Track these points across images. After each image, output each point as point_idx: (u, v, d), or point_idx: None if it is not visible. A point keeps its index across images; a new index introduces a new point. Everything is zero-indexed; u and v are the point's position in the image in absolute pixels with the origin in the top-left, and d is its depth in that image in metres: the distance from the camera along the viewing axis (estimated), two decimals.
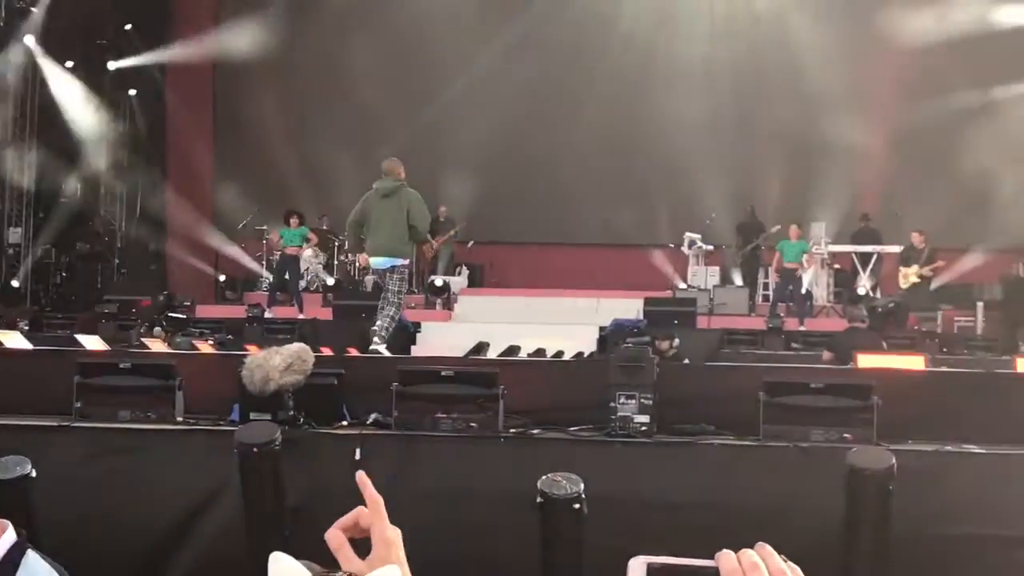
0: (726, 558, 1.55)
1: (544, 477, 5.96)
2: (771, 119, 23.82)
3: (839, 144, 23.10)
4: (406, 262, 12.77)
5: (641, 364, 7.52)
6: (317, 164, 23.88)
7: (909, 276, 20.44)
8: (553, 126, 24.26)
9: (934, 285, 21.12)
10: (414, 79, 24.52)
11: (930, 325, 19.59)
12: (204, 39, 25.13)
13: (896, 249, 21.51)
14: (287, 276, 20.81)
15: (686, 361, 12.66)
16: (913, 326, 18.85)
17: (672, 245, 23.21)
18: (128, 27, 23.90)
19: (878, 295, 21.31)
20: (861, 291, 21.28)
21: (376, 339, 12.24)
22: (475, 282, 23.89)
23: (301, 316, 19.12)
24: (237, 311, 19.59)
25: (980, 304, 21.27)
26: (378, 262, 12.60)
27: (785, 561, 1.57)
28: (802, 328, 18.84)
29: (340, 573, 1.86)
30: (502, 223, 24.00)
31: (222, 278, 23.97)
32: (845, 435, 7.13)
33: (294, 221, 21.01)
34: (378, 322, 12.37)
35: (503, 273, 24.39)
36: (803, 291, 21.00)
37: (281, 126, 24.44)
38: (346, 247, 23.24)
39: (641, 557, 1.59)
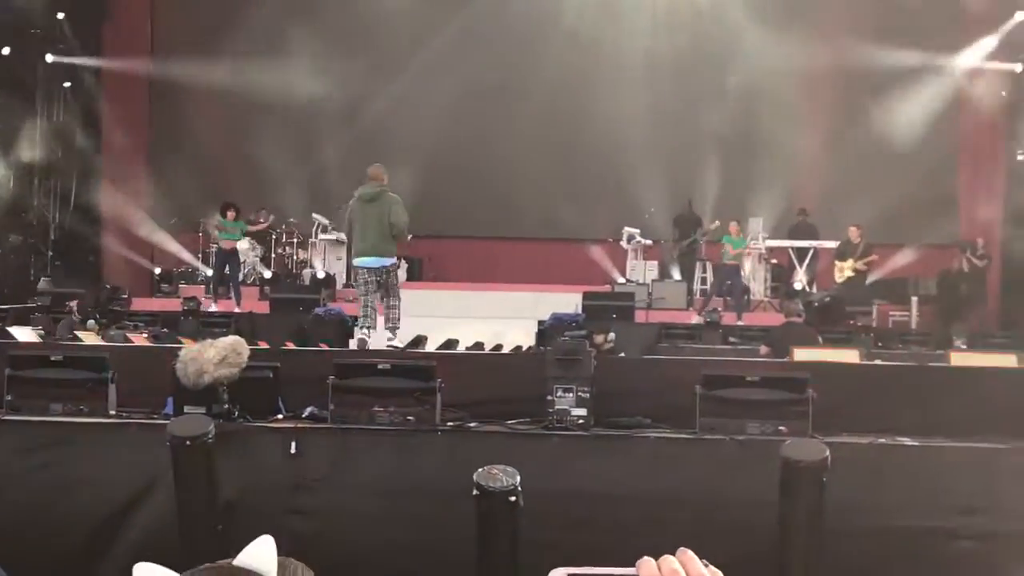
0: (646, 565, 1.54)
1: (480, 470, 5.95)
2: (711, 113, 23.89)
3: (778, 139, 23.27)
4: (395, 261, 13.80)
5: (578, 357, 7.54)
6: (255, 157, 23.68)
7: (844, 270, 20.56)
8: (494, 120, 24.23)
9: (869, 280, 21.30)
10: (355, 73, 24.37)
11: (865, 319, 19.76)
12: (139, 29, 24.88)
13: (833, 244, 21.67)
14: (227, 270, 20.58)
15: (622, 355, 12.68)
16: (849, 320, 18.99)
17: (611, 239, 23.25)
18: (60, 16, 23.54)
19: (814, 290, 21.49)
20: (798, 286, 21.45)
21: (390, 335, 13.57)
22: (414, 276, 23.80)
23: (237, 309, 18.96)
24: (173, 304, 19.39)
25: (915, 299, 21.51)
26: (366, 262, 13.53)
27: (707, 566, 1.55)
28: (740, 323, 18.94)
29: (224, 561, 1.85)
30: (441, 217, 23.92)
31: (157, 271, 23.72)
32: (780, 428, 7.18)
33: (231, 214, 20.80)
34: (388, 320, 13.72)
35: (442, 267, 24.33)
36: (742, 286, 21.12)
37: (218, 118, 24.23)
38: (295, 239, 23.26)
39: (561, 569, 1.57)
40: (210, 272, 21.52)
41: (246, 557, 1.82)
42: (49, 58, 23.68)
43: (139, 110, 25.24)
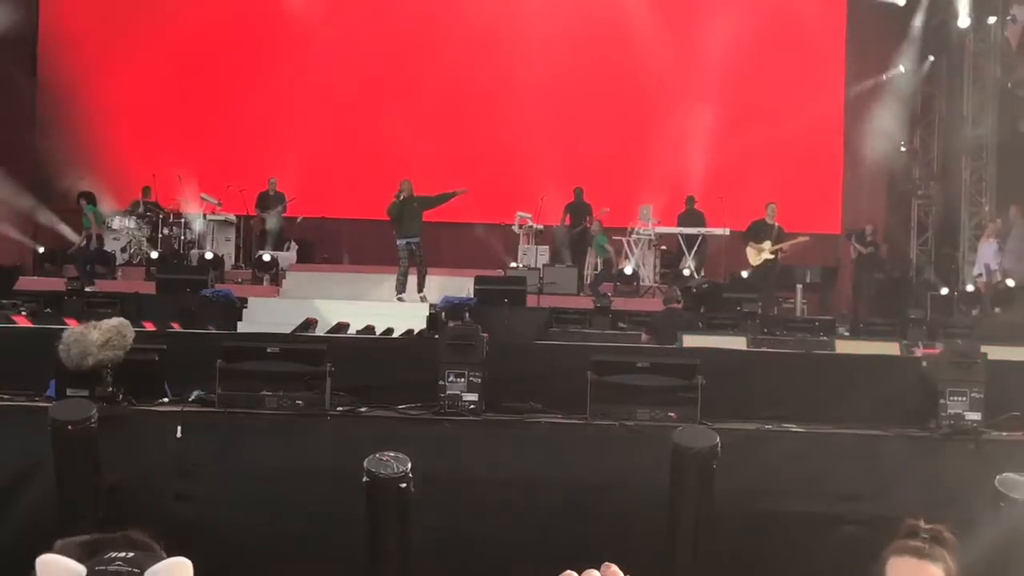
0: None
1: (371, 456, 5.90)
2: (604, 100, 24.02)
3: (669, 127, 23.44)
4: (418, 239, 19.85)
5: (471, 342, 7.51)
6: (144, 132, 23.28)
7: (763, 252, 20.36)
8: (389, 102, 24.05)
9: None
10: (249, 48, 24.10)
11: (751, 306, 19.91)
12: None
13: (721, 232, 21.98)
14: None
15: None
16: (736, 307, 19.05)
17: (503, 224, 23.27)
18: None
19: (702, 276, 21.72)
20: (686, 272, 21.67)
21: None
22: (304, 258, 23.59)
23: (88, 288, 18.49)
24: (56, 284, 18.96)
25: (800, 287, 21.81)
26: (405, 240, 19.76)
27: None
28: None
29: (117, 559, 1.80)
30: (332, 198, 23.74)
31: (41, 249, 23.16)
32: (670, 413, 7.23)
33: (82, 203, 20.86)
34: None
35: (333, 249, 24.13)
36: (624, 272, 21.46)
37: (108, 90, 23.76)
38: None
39: None
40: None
41: (159, 573, 1.76)
42: None
43: (24, 79, 24.56)
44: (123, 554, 1.81)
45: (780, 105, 23.44)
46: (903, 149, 24.11)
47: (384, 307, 18.43)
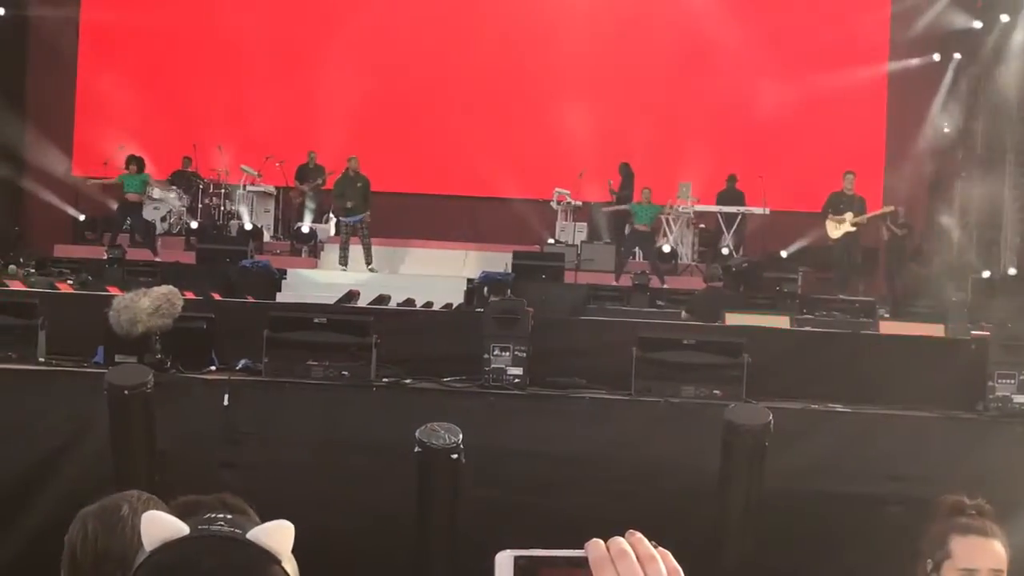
0: (594, 547, 1.55)
1: (423, 427, 5.91)
2: (646, 76, 23.94)
3: (711, 104, 23.34)
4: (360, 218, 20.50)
5: (516, 316, 7.51)
6: (185, 101, 23.37)
7: (843, 224, 19.72)
8: (430, 74, 24.05)
9: (796, 246, 21.37)
10: (293, 17, 24.14)
11: (791, 286, 19.73)
12: None
13: (760, 211, 21.89)
14: (128, 224, 20.66)
15: None
16: (775, 287, 18.88)
17: (542, 200, 23.24)
18: None
19: (741, 254, 21.62)
20: (725, 251, 21.58)
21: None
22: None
23: (157, 259, 18.67)
24: (97, 252, 19.07)
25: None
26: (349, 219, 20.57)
27: (656, 547, 1.56)
28: (664, 286, 18.91)
29: (218, 519, 1.81)
30: (373, 171, 23.75)
31: (82, 218, 23.30)
32: (715, 391, 7.22)
33: (133, 168, 20.72)
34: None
35: (371, 222, 24.15)
36: (663, 250, 21.23)
37: (149, 60, 23.85)
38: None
39: (508, 551, 1.56)
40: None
41: (261, 534, 1.77)
42: None
43: (67, 49, 24.69)
44: (223, 515, 1.82)
45: (823, 83, 23.25)
46: (946, 131, 23.90)
47: (421, 280, 18.47)
